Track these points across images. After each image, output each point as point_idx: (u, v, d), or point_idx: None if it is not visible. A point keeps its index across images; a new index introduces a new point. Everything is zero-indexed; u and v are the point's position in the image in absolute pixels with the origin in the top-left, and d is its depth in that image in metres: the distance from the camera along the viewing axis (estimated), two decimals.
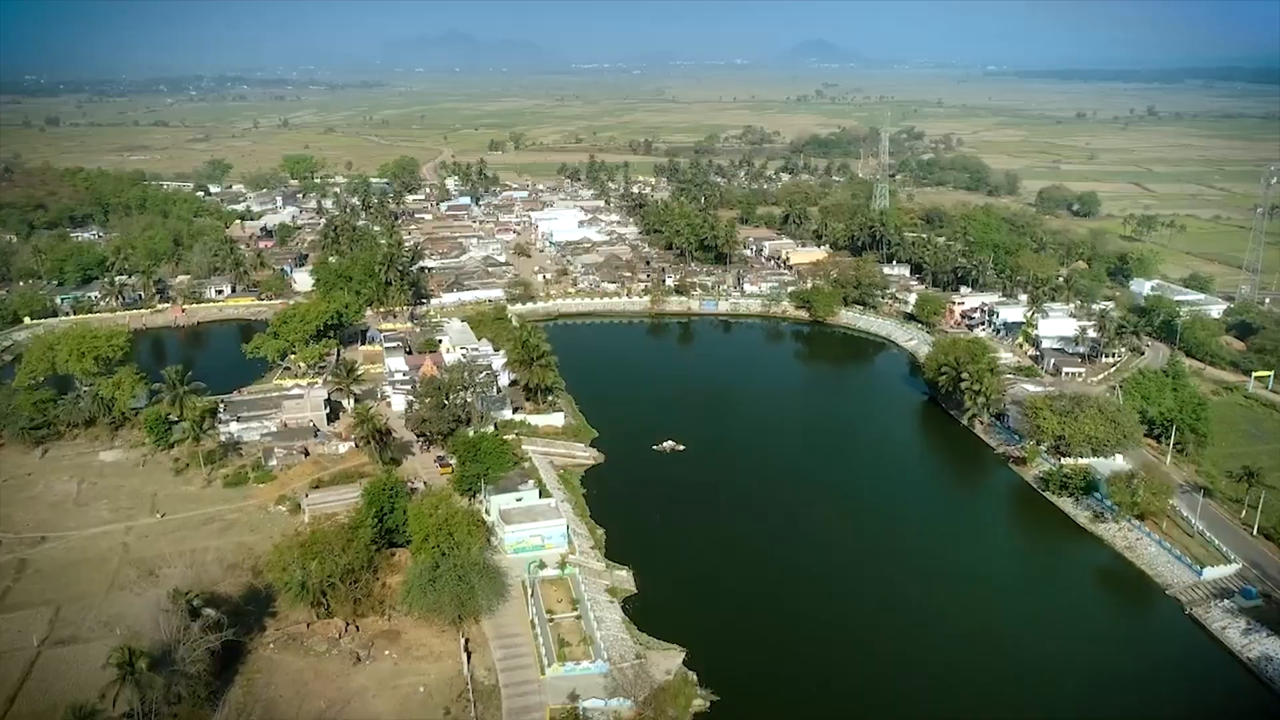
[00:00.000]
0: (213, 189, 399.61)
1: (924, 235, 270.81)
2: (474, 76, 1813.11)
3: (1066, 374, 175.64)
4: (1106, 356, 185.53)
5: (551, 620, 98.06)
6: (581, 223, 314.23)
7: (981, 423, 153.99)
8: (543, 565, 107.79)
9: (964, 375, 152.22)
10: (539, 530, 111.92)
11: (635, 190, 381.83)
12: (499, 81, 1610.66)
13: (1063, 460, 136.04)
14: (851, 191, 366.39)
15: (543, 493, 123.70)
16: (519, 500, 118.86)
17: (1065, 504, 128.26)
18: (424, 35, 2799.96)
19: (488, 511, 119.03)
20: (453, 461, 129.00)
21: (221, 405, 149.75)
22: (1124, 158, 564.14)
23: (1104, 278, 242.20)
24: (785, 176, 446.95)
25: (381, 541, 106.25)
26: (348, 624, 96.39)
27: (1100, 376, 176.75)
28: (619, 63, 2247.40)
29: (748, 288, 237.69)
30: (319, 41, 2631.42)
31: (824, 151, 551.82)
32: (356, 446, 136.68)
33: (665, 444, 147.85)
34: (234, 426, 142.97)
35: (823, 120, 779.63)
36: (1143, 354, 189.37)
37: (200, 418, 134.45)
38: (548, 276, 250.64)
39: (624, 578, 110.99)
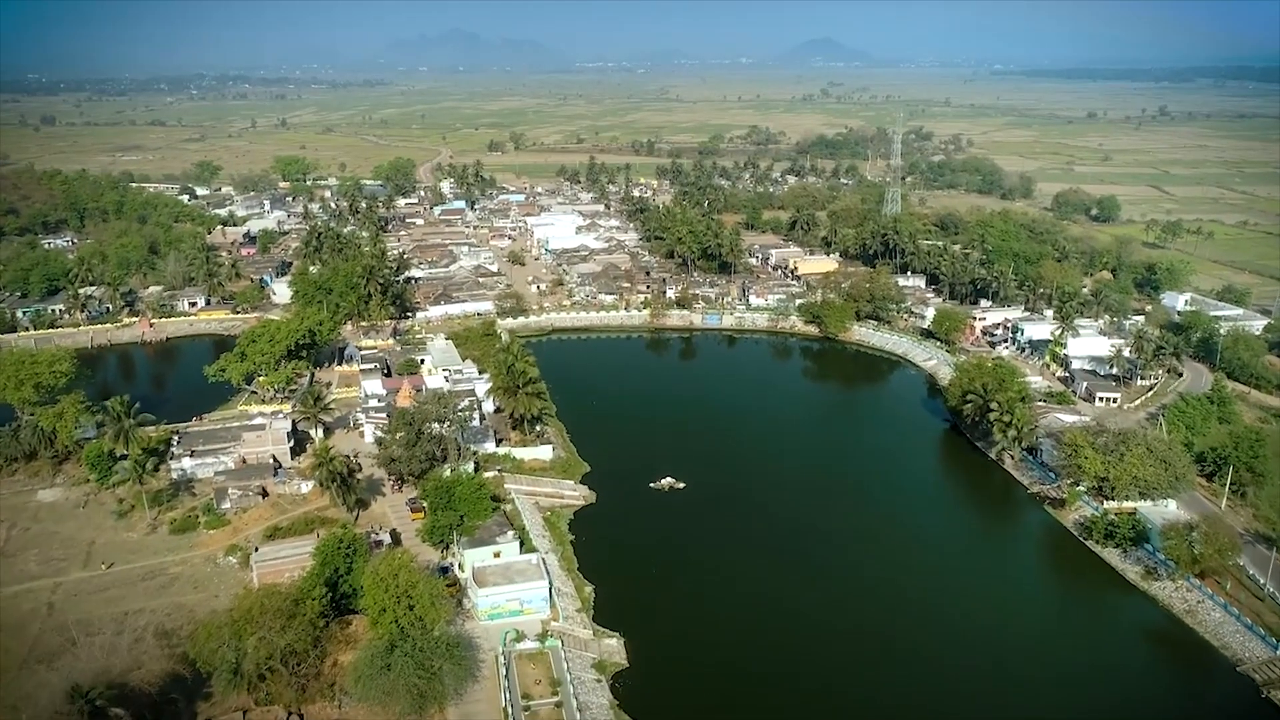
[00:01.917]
0: (200, 191, 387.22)
1: (939, 243, 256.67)
2: (477, 75, 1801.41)
3: (1100, 399, 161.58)
4: (1142, 379, 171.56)
5: (528, 709, 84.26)
6: (579, 229, 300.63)
7: (1012, 457, 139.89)
8: (520, 637, 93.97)
9: (993, 405, 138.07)
10: (517, 593, 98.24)
11: (636, 194, 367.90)
12: (502, 80, 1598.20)
13: (1106, 503, 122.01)
14: (861, 195, 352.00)
15: (525, 544, 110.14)
16: (496, 555, 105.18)
17: (1111, 556, 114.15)
18: (427, 34, 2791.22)
19: (461, 567, 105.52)
20: (426, 504, 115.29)
21: (176, 437, 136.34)
22: (1139, 159, 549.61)
23: (1131, 289, 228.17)
24: (792, 179, 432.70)
25: (333, 613, 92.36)
26: (290, 713, 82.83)
27: (1137, 402, 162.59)
28: (623, 61, 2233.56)
29: (754, 300, 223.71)
30: (323, 40, 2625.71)
31: (831, 152, 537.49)
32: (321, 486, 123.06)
33: (663, 481, 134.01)
34: (187, 462, 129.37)
35: (829, 120, 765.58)
36: (1180, 376, 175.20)
37: (145, 455, 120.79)
38: (542, 287, 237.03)
39: (614, 648, 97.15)
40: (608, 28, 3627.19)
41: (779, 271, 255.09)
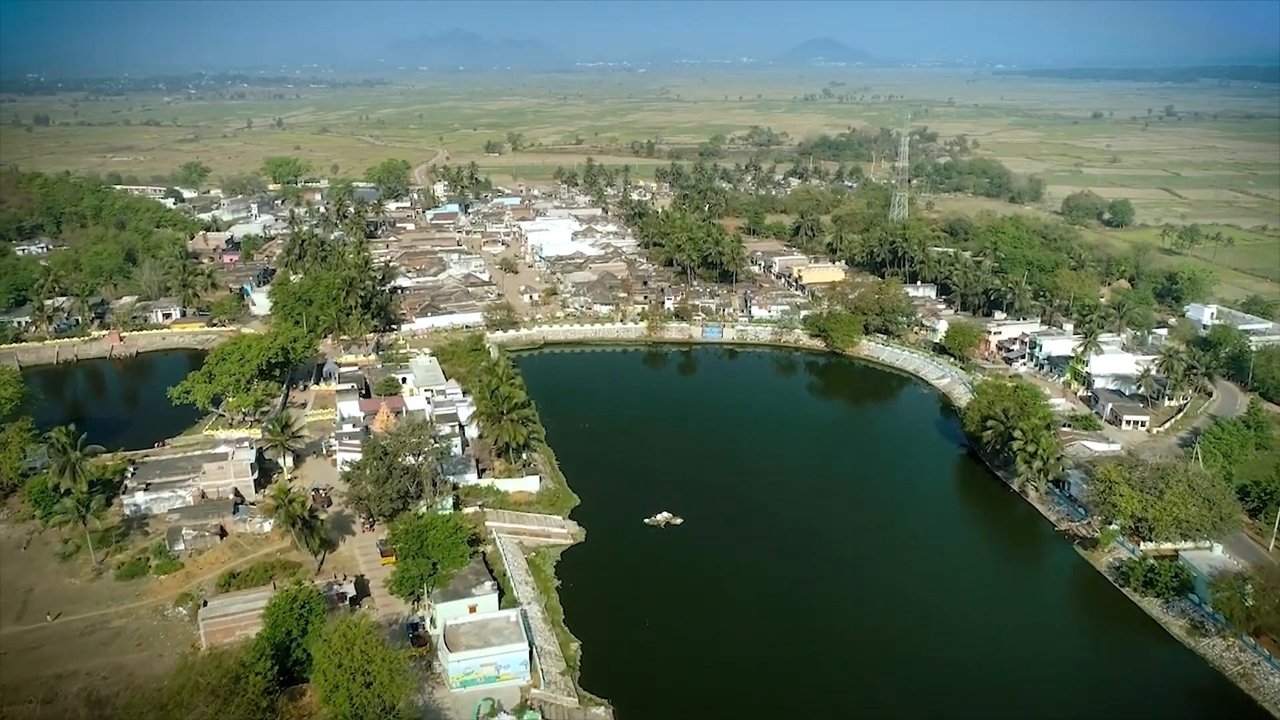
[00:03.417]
0: (187, 194, 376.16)
1: (950, 251, 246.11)
2: (477, 75, 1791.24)
3: (1127, 423, 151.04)
4: (1169, 399, 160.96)
5: None
6: (575, 234, 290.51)
7: (1036, 489, 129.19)
8: (495, 710, 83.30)
9: (1016, 433, 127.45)
10: (494, 657, 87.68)
11: (635, 197, 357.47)
12: (502, 80, 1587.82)
13: (1143, 545, 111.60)
14: (866, 199, 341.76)
15: (504, 594, 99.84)
16: (472, 610, 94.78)
17: (1152, 606, 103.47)
18: (428, 34, 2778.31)
19: (433, 622, 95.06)
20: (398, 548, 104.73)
21: (131, 469, 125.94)
22: (1147, 160, 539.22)
23: (1151, 300, 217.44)
24: (794, 181, 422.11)
25: (280, 685, 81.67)
26: None
27: (1166, 425, 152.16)
28: (624, 61, 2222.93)
29: (756, 311, 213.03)
30: (323, 40, 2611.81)
31: (834, 154, 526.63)
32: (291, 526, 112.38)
33: (659, 517, 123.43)
34: (140, 497, 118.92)
35: (831, 121, 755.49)
36: (1210, 396, 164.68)
37: (90, 492, 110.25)
38: (535, 297, 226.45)
39: (601, 719, 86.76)
40: (608, 27, 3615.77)
41: (782, 280, 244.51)
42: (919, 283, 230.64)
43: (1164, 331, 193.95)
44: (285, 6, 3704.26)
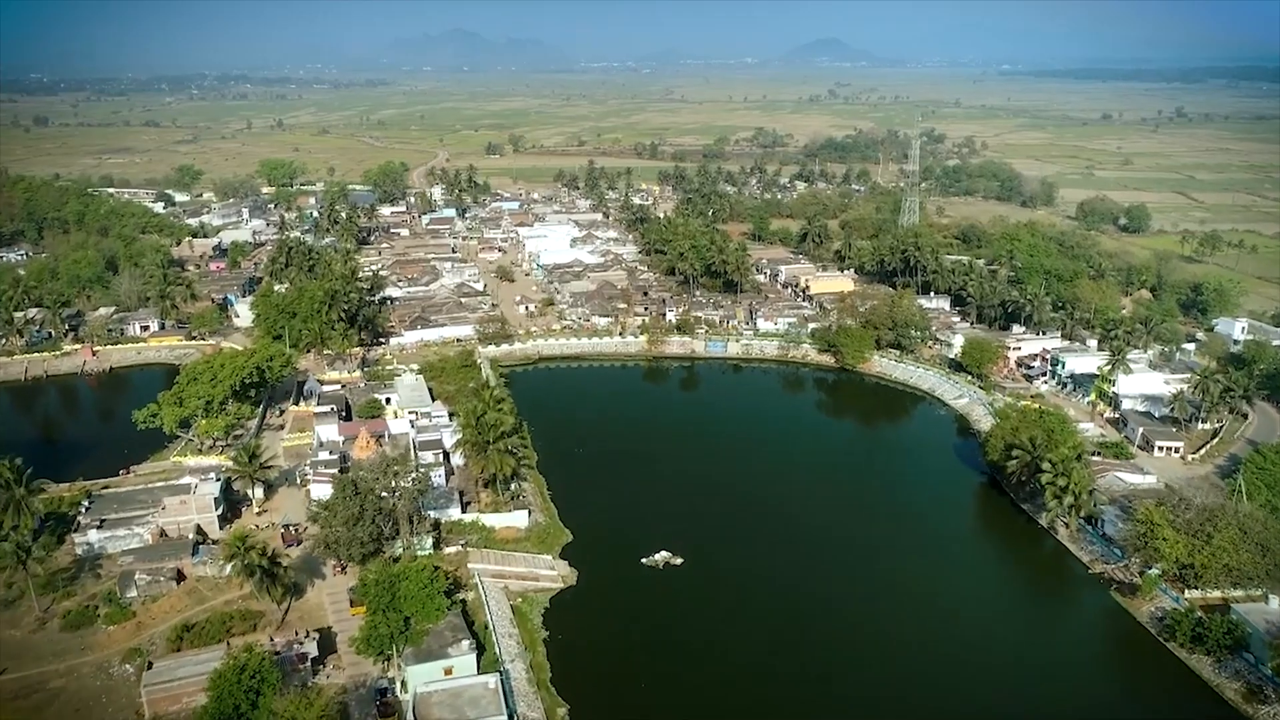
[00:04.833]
0: (179, 198, 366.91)
1: (963, 259, 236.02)
2: (481, 75, 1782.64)
3: (1160, 449, 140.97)
4: (1203, 422, 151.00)
5: None
6: (574, 241, 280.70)
7: (1066, 525, 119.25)
8: None
9: (1044, 465, 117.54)
10: None
11: (636, 201, 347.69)
12: (505, 80, 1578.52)
13: (1188, 593, 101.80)
14: (875, 204, 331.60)
15: (485, 651, 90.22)
16: (448, 672, 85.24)
17: (1202, 665, 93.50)
18: (430, 33, 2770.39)
19: (404, 685, 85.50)
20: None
21: (87, 502, 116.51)
22: (1160, 163, 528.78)
23: (1175, 311, 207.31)
24: (801, 185, 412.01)
25: None
26: None
27: (1201, 451, 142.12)
28: (627, 61, 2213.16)
29: (762, 324, 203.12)
30: (325, 40, 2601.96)
31: (840, 156, 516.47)
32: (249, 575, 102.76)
33: (658, 556, 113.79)
34: (94, 535, 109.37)
35: (837, 122, 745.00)
36: (1246, 418, 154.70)
37: (38, 529, 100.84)
38: (531, 308, 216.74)
39: None
40: (611, 27, 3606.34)
41: (789, 290, 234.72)
42: (932, 294, 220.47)
43: (1192, 347, 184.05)
44: (289, 6, 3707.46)
